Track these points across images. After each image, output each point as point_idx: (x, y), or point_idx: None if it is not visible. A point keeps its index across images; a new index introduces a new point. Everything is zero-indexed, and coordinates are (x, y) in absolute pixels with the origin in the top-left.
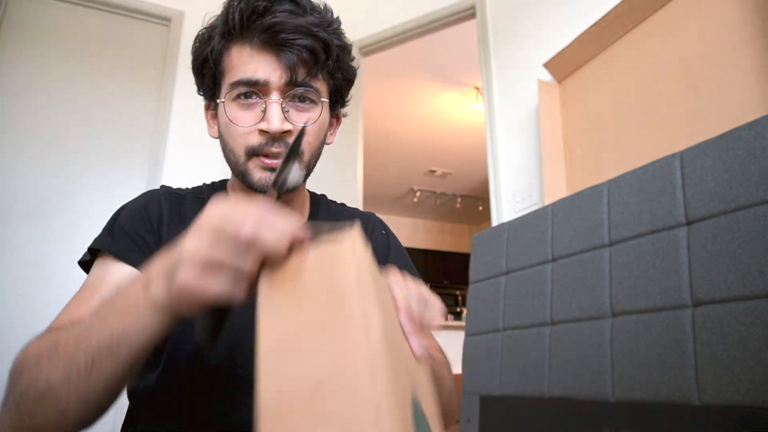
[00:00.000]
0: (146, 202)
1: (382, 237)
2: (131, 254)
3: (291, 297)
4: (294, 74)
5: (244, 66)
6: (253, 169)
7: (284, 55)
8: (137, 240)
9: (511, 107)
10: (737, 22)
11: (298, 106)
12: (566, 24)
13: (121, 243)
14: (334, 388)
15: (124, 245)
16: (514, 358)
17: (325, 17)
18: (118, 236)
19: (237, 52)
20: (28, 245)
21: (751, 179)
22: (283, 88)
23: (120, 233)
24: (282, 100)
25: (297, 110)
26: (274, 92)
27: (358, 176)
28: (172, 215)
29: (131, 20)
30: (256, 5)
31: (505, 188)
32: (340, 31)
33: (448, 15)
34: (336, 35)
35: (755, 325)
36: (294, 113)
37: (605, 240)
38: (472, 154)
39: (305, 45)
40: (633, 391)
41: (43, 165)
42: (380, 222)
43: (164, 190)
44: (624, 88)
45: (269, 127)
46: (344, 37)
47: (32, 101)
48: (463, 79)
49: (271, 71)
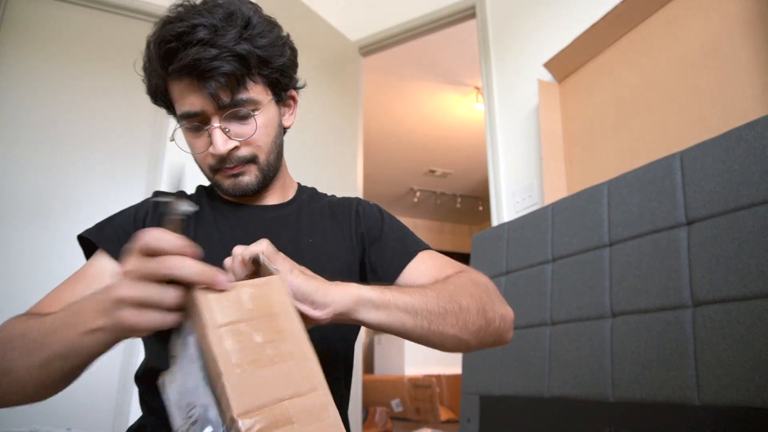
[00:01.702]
0: (139, 203)
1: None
2: (111, 245)
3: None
4: (220, 100)
5: (182, 100)
6: (221, 180)
7: (206, 84)
8: (120, 233)
9: (511, 107)
10: (737, 22)
11: (239, 121)
12: (566, 24)
13: (104, 234)
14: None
15: (106, 236)
16: (514, 358)
17: (239, 23)
18: (104, 228)
19: (172, 87)
20: (28, 245)
21: (751, 179)
22: (218, 112)
23: (107, 226)
24: (221, 123)
25: (239, 125)
26: (213, 118)
27: (358, 176)
28: (156, 207)
29: (131, 20)
30: (168, 48)
31: (505, 188)
32: (262, 25)
33: (448, 15)
34: (258, 36)
35: (755, 325)
36: (236, 128)
37: (605, 240)
38: (472, 154)
39: (222, 72)
40: (633, 391)
41: (43, 165)
42: (365, 201)
43: (157, 192)
44: (624, 88)
45: (215, 151)
46: (268, 29)
47: (32, 101)
48: (463, 79)
49: (203, 102)
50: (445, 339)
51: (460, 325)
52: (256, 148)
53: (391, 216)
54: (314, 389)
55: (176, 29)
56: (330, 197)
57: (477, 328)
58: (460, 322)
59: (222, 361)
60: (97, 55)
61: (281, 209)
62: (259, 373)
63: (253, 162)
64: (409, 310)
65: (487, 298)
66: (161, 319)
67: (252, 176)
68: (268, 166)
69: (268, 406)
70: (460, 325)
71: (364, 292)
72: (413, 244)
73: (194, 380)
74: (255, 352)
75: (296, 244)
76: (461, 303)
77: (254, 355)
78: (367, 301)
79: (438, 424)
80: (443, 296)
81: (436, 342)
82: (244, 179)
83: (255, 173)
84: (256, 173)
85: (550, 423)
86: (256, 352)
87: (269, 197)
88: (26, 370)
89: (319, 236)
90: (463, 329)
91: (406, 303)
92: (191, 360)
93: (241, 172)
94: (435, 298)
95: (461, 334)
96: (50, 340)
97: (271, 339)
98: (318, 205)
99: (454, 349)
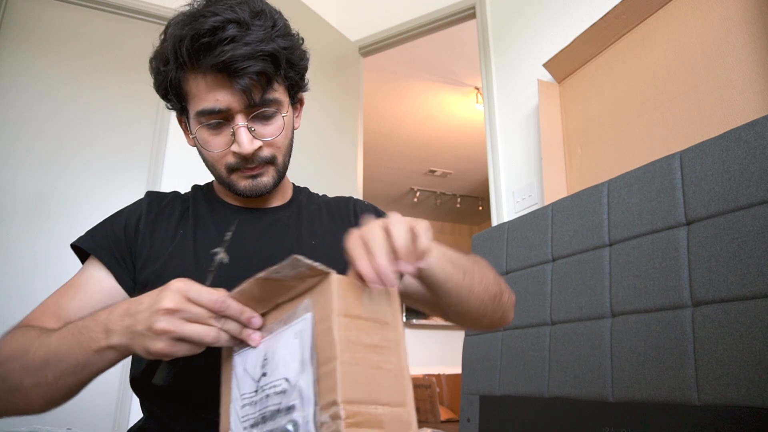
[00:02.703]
0: (132, 206)
1: (369, 207)
2: (102, 253)
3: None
4: (251, 98)
5: (204, 95)
6: (236, 180)
7: (239, 81)
8: (111, 239)
9: (511, 107)
10: (737, 22)
11: (264, 121)
12: (566, 24)
13: (95, 242)
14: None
15: (97, 244)
16: (514, 358)
17: (267, 23)
18: (95, 236)
19: (194, 81)
20: (28, 245)
21: (751, 179)
22: (245, 111)
23: (98, 233)
24: (247, 122)
25: (263, 125)
26: (238, 116)
27: (358, 176)
28: (150, 209)
29: (131, 20)
30: (202, 42)
31: (505, 188)
32: (285, 27)
33: (448, 15)
34: (282, 37)
35: (755, 325)
36: (261, 129)
37: (605, 240)
38: (472, 154)
39: (256, 70)
40: (633, 391)
41: (43, 165)
42: (361, 201)
43: (149, 193)
44: (624, 88)
45: (241, 150)
46: (289, 31)
47: (32, 101)
48: (463, 79)
49: (231, 99)
50: (471, 296)
51: (484, 285)
52: (276, 150)
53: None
54: (404, 405)
55: (209, 23)
56: (323, 197)
57: (494, 294)
58: (484, 282)
59: (341, 346)
60: (97, 55)
61: (281, 211)
62: (366, 371)
63: (272, 163)
64: (452, 259)
65: (496, 274)
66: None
67: (269, 177)
68: (284, 168)
69: (366, 404)
70: (484, 285)
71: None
72: None
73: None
74: (365, 351)
75: (299, 247)
76: (482, 267)
77: (363, 353)
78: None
79: (438, 423)
80: (468, 258)
81: (464, 296)
82: (262, 180)
83: (272, 174)
84: (273, 174)
85: (550, 423)
86: (366, 351)
87: (269, 198)
88: (34, 387)
89: (321, 238)
90: (485, 290)
91: (449, 253)
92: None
93: (260, 173)
94: (463, 257)
95: (483, 295)
96: (59, 358)
97: (379, 344)
98: (315, 205)
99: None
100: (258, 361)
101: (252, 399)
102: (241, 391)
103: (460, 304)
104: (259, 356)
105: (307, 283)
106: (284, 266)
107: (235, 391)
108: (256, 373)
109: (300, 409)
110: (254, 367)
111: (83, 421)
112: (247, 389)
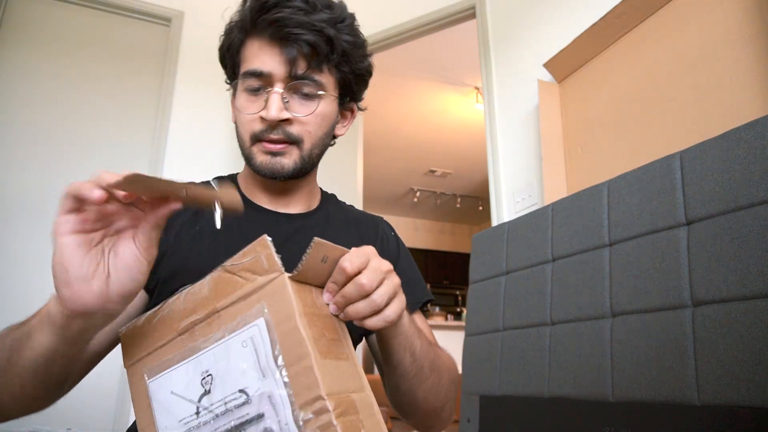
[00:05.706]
0: None
1: (392, 240)
2: None
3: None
4: (294, 67)
5: (253, 58)
6: (256, 153)
7: (287, 49)
8: None
9: (511, 107)
10: (737, 22)
11: (301, 98)
12: (566, 24)
13: None
14: None
15: None
16: (514, 358)
17: (335, 14)
18: None
19: (250, 45)
20: (28, 245)
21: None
22: (285, 79)
23: None
24: (283, 91)
25: (300, 101)
26: (277, 83)
27: (358, 176)
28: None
29: (131, 20)
30: (266, 1)
31: (505, 188)
32: (353, 27)
33: (448, 15)
34: (346, 32)
35: (755, 325)
36: (296, 104)
37: (605, 240)
38: (472, 154)
39: (307, 40)
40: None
41: (44, 165)
42: (388, 225)
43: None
44: (624, 88)
45: (267, 114)
46: (357, 33)
47: (32, 101)
48: (463, 79)
49: (275, 64)
50: (422, 390)
51: (435, 390)
52: (306, 133)
53: (407, 251)
54: (364, 388)
55: None
56: (351, 208)
57: (441, 402)
58: (431, 383)
59: (310, 344)
60: (97, 55)
61: (308, 218)
62: (333, 363)
63: (296, 145)
64: (414, 348)
65: (454, 391)
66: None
67: (290, 160)
68: (309, 158)
69: (342, 393)
70: (435, 390)
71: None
72: (420, 293)
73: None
74: (328, 344)
75: None
76: (441, 373)
77: (328, 347)
78: (406, 321)
79: None
80: (433, 358)
81: (414, 387)
82: (282, 160)
83: (295, 158)
84: (295, 158)
85: (550, 423)
86: (329, 345)
87: (294, 203)
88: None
89: None
90: (436, 395)
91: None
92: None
93: (282, 152)
94: (430, 351)
95: (433, 398)
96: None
97: (334, 338)
98: (343, 217)
99: (421, 407)
100: (194, 381)
101: (197, 421)
102: (176, 417)
103: (410, 391)
104: (194, 375)
105: (255, 283)
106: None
107: (163, 419)
108: (192, 393)
109: (272, 414)
110: (188, 388)
111: (83, 421)
112: (185, 413)
